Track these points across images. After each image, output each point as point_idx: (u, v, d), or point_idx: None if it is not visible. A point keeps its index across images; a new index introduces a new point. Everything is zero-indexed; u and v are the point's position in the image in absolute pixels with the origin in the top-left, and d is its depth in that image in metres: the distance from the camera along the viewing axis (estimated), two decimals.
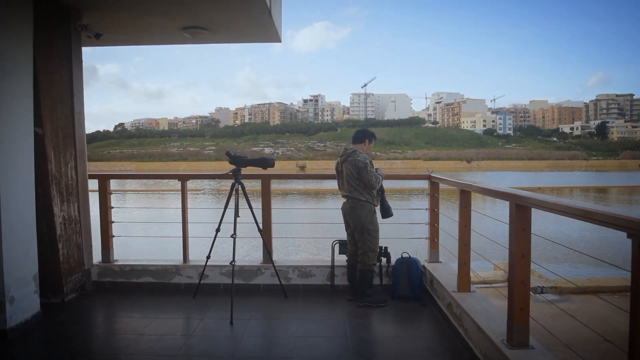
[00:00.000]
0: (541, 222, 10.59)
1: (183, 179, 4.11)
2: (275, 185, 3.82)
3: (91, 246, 4.19)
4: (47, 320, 3.34)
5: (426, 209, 4.12)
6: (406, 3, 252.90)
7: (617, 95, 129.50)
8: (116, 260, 4.30)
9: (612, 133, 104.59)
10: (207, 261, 3.81)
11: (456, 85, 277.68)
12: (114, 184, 4.56)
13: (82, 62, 4.08)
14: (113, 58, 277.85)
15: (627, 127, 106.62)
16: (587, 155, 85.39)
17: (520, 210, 2.23)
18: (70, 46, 3.85)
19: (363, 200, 3.62)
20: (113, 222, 4.27)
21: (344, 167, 3.72)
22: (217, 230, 3.65)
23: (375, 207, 3.71)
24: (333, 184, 4.06)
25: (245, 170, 3.74)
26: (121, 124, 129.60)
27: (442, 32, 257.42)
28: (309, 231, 9.79)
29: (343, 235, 3.91)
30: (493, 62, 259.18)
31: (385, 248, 3.94)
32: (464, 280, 3.20)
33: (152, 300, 3.86)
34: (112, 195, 4.33)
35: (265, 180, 4.09)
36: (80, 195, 3.96)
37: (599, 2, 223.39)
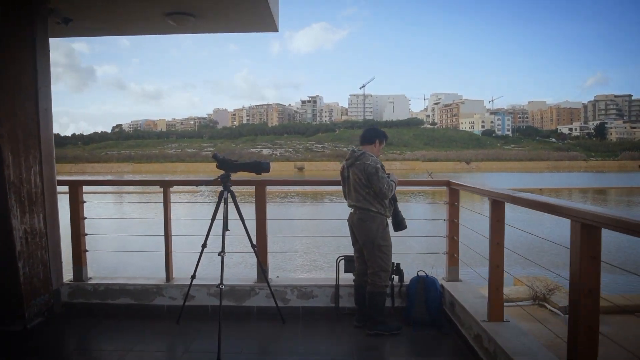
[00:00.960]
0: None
1: (165, 185, 3.57)
2: (270, 186, 3.28)
3: (61, 263, 3.66)
4: (3, 354, 2.82)
5: (444, 220, 3.60)
6: (404, 4, 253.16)
7: (615, 96, 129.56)
8: (90, 278, 3.77)
9: (611, 134, 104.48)
10: (192, 281, 3.29)
11: (454, 86, 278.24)
12: (93, 193, 4.02)
13: (49, 51, 3.55)
14: (111, 59, 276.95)
15: (625, 127, 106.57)
16: (586, 156, 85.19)
17: (592, 234, 1.70)
18: (34, 33, 3.32)
19: (373, 211, 3.10)
20: (86, 234, 3.74)
21: (350, 173, 3.19)
22: (204, 245, 3.14)
23: (387, 219, 3.20)
24: (333, 186, 3.55)
25: (236, 175, 3.22)
26: (119, 125, 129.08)
27: (441, 33, 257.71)
28: (309, 244, 9.13)
29: (348, 248, 3.39)
30: (491, 63, 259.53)
31: (397, 265, 3.41)
32: (496, 308, 2.68)
33: (130, 326, 3.33)
34: (85, 204, 3.79)
35: (260, 187, 3.56)
36: (47, 205, 3.43)
37: (597, 3, 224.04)
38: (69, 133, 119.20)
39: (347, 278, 3.49)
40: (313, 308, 3.51)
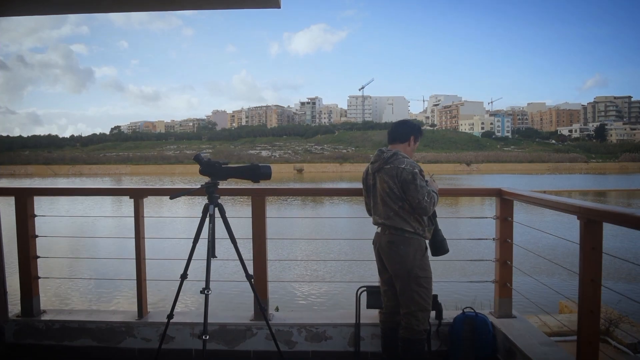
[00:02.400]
0: None
1: (137, 195, 2.81)
2: (264, 185, 2.45)
3: (5, 293, 2.89)
4: None
5: (492, 239, 2.83)
6: (403, 5, 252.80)
7: (615, 97, 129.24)
8: (43, 312, 2.98)
9: (611, 135, 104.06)
10: (169, 320, 2.51)
11: (454, 88, 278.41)
12: (45, 204, 3.23)
13: None
14: (109, 61, 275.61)
15: (625, 129, 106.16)
16: (587, 157, 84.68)
17: None
18: None
19: (409, 231, 2.32)
20: (38, 257, 2.96)
21: (378, 180, 2.41)
22: (183, 276, 2.36)
23: (426, 242, 2.43)
24: (333, 186, 2.78)
25: (225, 183, 2.45)
26: (117, 127, 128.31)
27: (440, 34, 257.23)
28: (309, 252, 8.00)
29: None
30: (490, 64, 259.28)
31: (435, 297, 2.64)
32: None
33: None
34: (38, 218, 3.01)
35: (258, 198, 2.78)
36: None
37: (596, 4, 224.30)
38: (67, 134, 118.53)
39: (371, 315, 2.72)
40: (326, 353, 2.73)
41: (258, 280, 2.70)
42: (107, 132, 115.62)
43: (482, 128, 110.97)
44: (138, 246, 2.82)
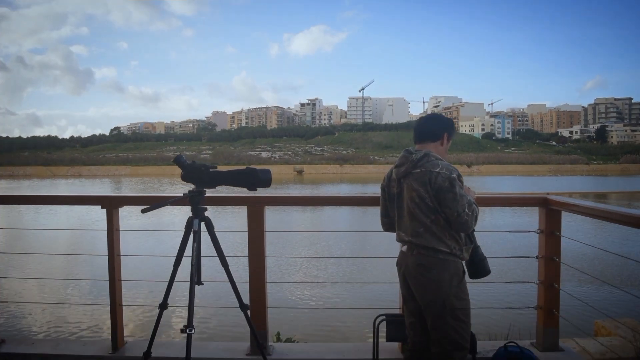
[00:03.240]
0: None
1: (110, 205, 2.38)
2: (262, 192, 1.95)
3: None
4: None
5: (535, 257, 2.37)
6: (403, 7, 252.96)
7: (615, 99, 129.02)
8: (2, 341, 2.53)
9: (612, 137, 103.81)
10: (148, 357, 2.05)
11: (454, 89, 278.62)
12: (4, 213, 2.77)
13: None
14: (109, 62, 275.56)
15: (626, 130, 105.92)
16: (587, 159, 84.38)
17: None
18: None
19: (444, 251, 1.87)
20: None
21: (404, 188, 1.96)
22: (163, 306, 1.91)
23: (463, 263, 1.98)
24: (334, 188, 2.35)
25: (212, 191, 2.01)
26: (117, 128, 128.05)
27: (440, 36, 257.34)
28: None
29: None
30: (490, 65, 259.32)
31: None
32: None
33: None
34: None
35: (255, 209, 2.34)
36: None
37: (595, 6, 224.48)
38: (67, 136, 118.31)
39: (392, 349, 2.26)
40: None
41: (255, 309, 2.26)
42: (107, 133, 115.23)
43: (483, 129, 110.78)
44: (112, 265, 2.37)
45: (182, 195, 1.90)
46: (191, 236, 1.85)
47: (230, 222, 11.42)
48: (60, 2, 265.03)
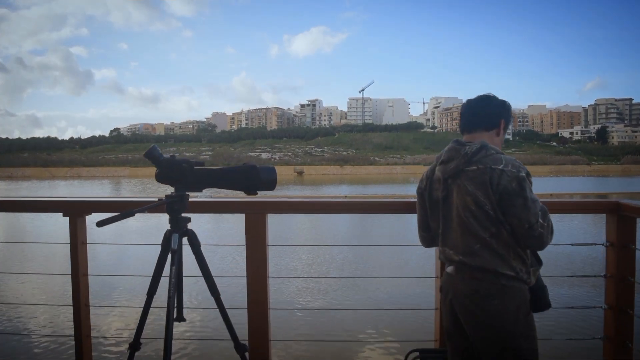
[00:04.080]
0: None
1: (75, 212, 1.97)
2: (263, 195, 1.57)
3: None
4: None
5: (602, 276, 1.97)
6: (403, 8, 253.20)
7: (616, 100, 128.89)
8: None
9: (612, 138, 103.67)
10: None
11: (454, 90, 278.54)
12: None
13: None
14: (109, 63, 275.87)
15: (627, 131, 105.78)
16: (588, 160, 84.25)
17: None
18: None
19: (508, 275, 1.45)
20: None
21: (454, 190, 1.52)
22: (134, 347, 1.56)
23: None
24: (333, 189, 2.02)
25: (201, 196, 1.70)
26: (117, 129, 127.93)
27: (440, 36, 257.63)
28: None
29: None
30: (490, 66, 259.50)
31: None
32: None
33: None
34: None
35: (254, 218, 1.93)
36: None
37: (595, 6, 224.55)
38: (66, 137, 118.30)
39: None
40: None
41: (256, 347, 1.90)
42: (107, 135, 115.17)
43: None
44: (77, 287, 1.94)
45: (157, 200, 1.45)
46: (169, 259, 1.45)
47: (224, 230, 9.92)
48: (60, 3, 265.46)
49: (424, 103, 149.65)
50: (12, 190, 31.86)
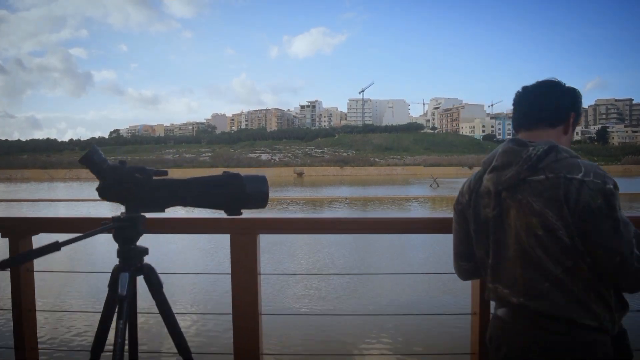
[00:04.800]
0: None
1: (17, 232, 1.59)
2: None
3: None
4: None
5: None
6: (403, 9, 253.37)
7: (616, 100, 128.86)
8: None
9: (613, 138, 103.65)
10: None
11: (454, 91, 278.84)
12: None
13: None
14: (109, 64, 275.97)
15: (627, 131, 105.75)
16: (589, 160, 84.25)
17: None
18: None
19: (589, 326, 1.02)
20: None
21: (512, 208, 1.08)
22: None
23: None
24: (334, 191, 1.60)
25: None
26: (116, 131, 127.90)
27: (440, 37, 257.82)
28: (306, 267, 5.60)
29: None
30: (490, 67, 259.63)
31: None
32: None
33: None
34: None
35: (243, 239, 1.54)
36: None
37: (594, 7, 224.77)
38: (66, 138, 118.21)
39: None
40: None
41: None
42: (106, 136, 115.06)
43: (483, 131, 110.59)
44: (19, 326, 1.56)
45: (101, 226, 1.02)
46: (121, 315, 1.02)
47: (205, 248, 8.36)
48: (59, 4, 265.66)
49: (424, 104, 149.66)
50: (8, 193, 31.50)
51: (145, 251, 1.09)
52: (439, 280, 5.45)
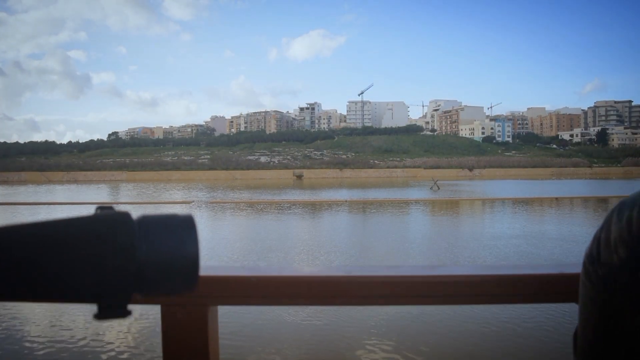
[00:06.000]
0: None
1: None
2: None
3: None
4: None
5: None
6: (402, 10, 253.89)
7: (615, 102, 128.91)
8: None
9: (613, 140, 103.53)
10: None
11: (453, 93, 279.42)
12: None
13: None
14: (107, 66, 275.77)
15: (627, 133, 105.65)
16: (589, 162, 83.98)
17: None
18: None
19: None
20: None
21: None
22: None
23: None
24: (334, 193, 1.27)
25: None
26: (115, 133, 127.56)
27: (439, 39, 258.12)
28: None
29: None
30: (490, 69, 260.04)
31: None
32: None
33: None
34: None
35: (182, 311, 0.72)
36: None
37: (594, 8, 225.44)
38: (64, 141, 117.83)
39: None
40: None
41: None
42: (105, 139, 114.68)
43: (483, 133, 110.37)
44: None
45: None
46: None
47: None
48: (58, 7, 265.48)
49: (423, 106, 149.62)
50: (5, 196, 31.14)
51: None
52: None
